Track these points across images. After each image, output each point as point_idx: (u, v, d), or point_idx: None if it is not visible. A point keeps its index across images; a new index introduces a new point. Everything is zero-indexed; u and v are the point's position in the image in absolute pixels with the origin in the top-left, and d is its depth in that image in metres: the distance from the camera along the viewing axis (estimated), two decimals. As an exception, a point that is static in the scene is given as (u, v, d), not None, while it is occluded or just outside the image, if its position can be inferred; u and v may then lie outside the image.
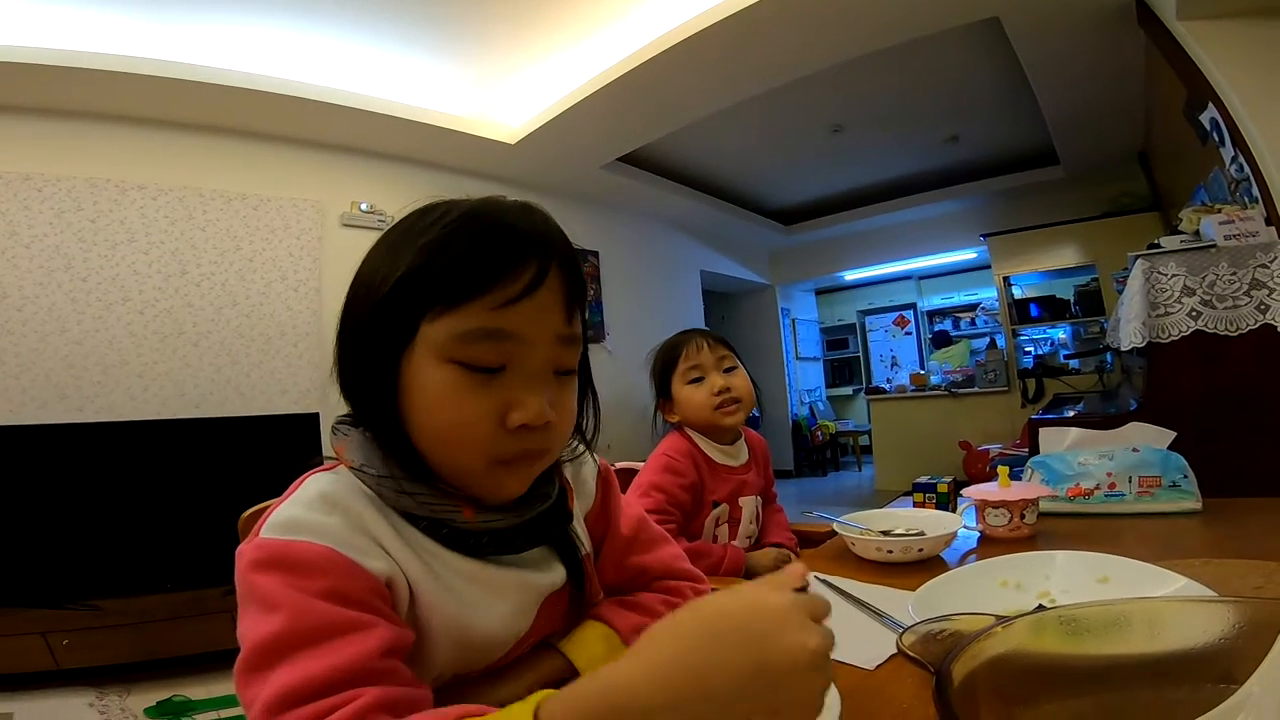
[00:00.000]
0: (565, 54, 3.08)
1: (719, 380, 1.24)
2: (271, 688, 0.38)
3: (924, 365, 6.73)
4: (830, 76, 3.23)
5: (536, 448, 0.50)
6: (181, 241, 2.90)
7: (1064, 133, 3.99)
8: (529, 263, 0.47)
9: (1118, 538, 0.96)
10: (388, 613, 0.44)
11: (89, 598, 2.22)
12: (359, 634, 0.41)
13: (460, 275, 0.46)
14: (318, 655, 0.39)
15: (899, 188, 5.43)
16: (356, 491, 0.49)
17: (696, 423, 1.28)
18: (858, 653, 0.60)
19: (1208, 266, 1.61)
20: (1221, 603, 0.32)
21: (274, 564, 0.42)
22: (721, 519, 1.26)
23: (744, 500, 1.28)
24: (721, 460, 1.28)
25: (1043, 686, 0.32)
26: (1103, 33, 2.75)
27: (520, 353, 0.48)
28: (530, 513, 0.54)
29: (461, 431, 0.47)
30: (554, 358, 0.50)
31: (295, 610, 0.41)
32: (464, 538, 0.51)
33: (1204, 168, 2.36)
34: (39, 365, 2.54)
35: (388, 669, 0.41)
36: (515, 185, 4.17)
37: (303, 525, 0.44)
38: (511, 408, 0.47)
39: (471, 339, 0.46)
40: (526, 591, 0.55)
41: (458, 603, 0.50)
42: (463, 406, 0.47)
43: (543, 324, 0.49)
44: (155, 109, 2.83)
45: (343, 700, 0.37)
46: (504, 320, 0.47)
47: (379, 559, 0.45)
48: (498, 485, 0.50)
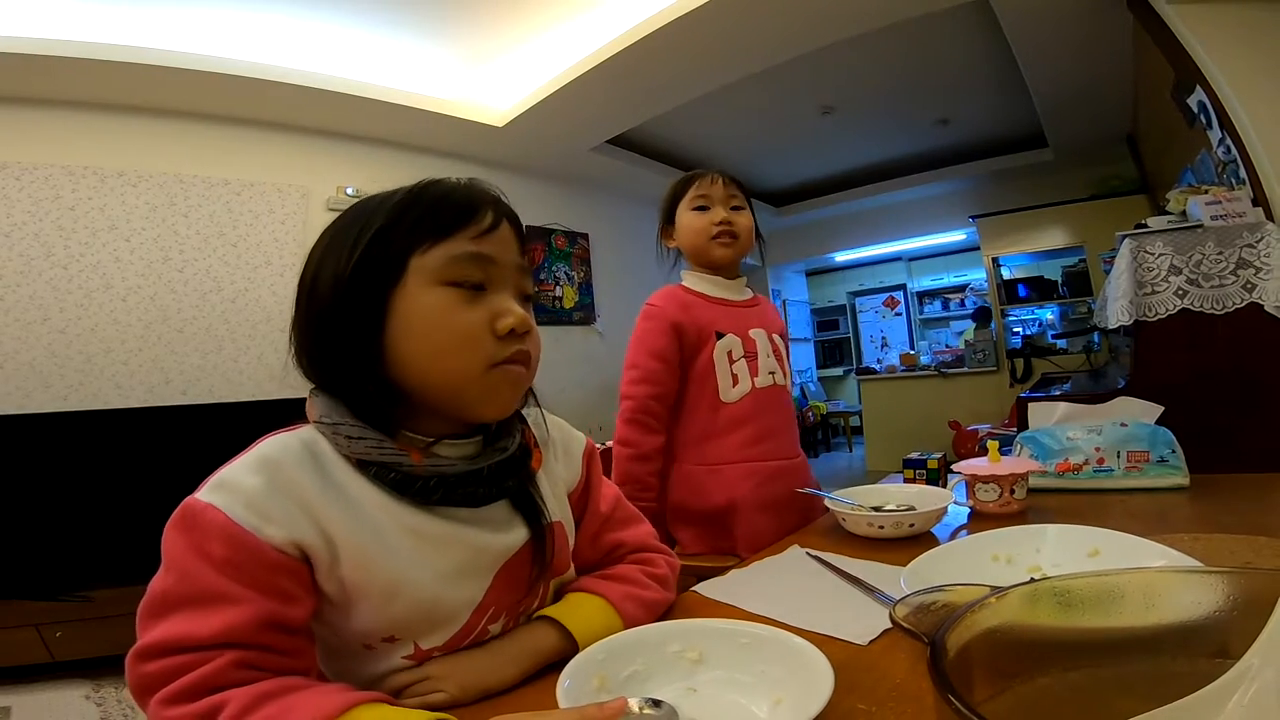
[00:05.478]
0: (554, 35, 3.03)
1: (722, 213, 1.23)
2: (148, 637, 0.44)
3: (914, 345, 6.77)
4: (820, 58, 3.20)
5: (524, 349, 0.57)
6: (164, 228, 2.86)
7: (1053, 115, 3.99)
8: (487, 206, 0.57)
9: (1106, 513, 0.97)
10: (280, 587, 0.48)
11: (80, 589, 2.20)
12: (234, 605, 0.45)
13: (443, 214, 0.55)
14: (192, 618, 0.44)
15: (889, 169, 5.42)
16: (303, 449, 0.52)
17: (690, 249, 1.27)
18: (849, 628, 0.60)
19: (1194, 246, 1.62)
20: (1216, 574, 0.32)
21: (184, 526, 0.47)
22: (735, 353, 1.21)
23: (754, 332, 1.24)
24: (719, 294, 1.25)
25: (1037, 659, 0.32)
26: (1092, 16, 2.74)
27: (497, 274, 0.56)
28: (483, 461, 0.57)
29: (462, 340, 0.54)
30: (518, 283, 0.59)
31: (183, 573, 0.46)
32: (412, 483, 0.53)
33: (1191, 150, 2.36)
34: (22, 354, 2.51)
35: (259, 639, 0.46)
36: (503, 168, 4.13)
37: (225, 485, 0.48)
38: (499, 316, 0.55)
39: (461, 261, 0.55)
40: (477, 552, 0.57)
41: (392, 558, 0.52)
42: (460, 317, 0.54)
43: (507, 253, 0.58)
44: (135, 95, 2.77)
45: (203, 659, 0.43)
46: (483, 246, 0.56)
47: (286, 526, 0.48)
48: (493, 392, 0.56)
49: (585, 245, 4.66)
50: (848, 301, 7.96)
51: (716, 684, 0.50)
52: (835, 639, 0.59)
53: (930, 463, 1.32)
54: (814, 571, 0.81)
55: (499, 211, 0.58)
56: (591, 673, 0.49)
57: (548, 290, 4.33)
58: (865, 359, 7.51)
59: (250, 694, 0.42)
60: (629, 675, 0.51)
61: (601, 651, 0.51)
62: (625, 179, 4.75)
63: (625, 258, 4.99)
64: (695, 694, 0.50)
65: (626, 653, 0.52)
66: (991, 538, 0.73)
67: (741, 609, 0.69)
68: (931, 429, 4.92)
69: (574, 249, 4.56)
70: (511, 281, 0.58)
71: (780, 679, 0.47)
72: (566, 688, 0.46)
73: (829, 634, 0.60)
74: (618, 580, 0.67)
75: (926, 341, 6.71)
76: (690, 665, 0.52)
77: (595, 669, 0.50)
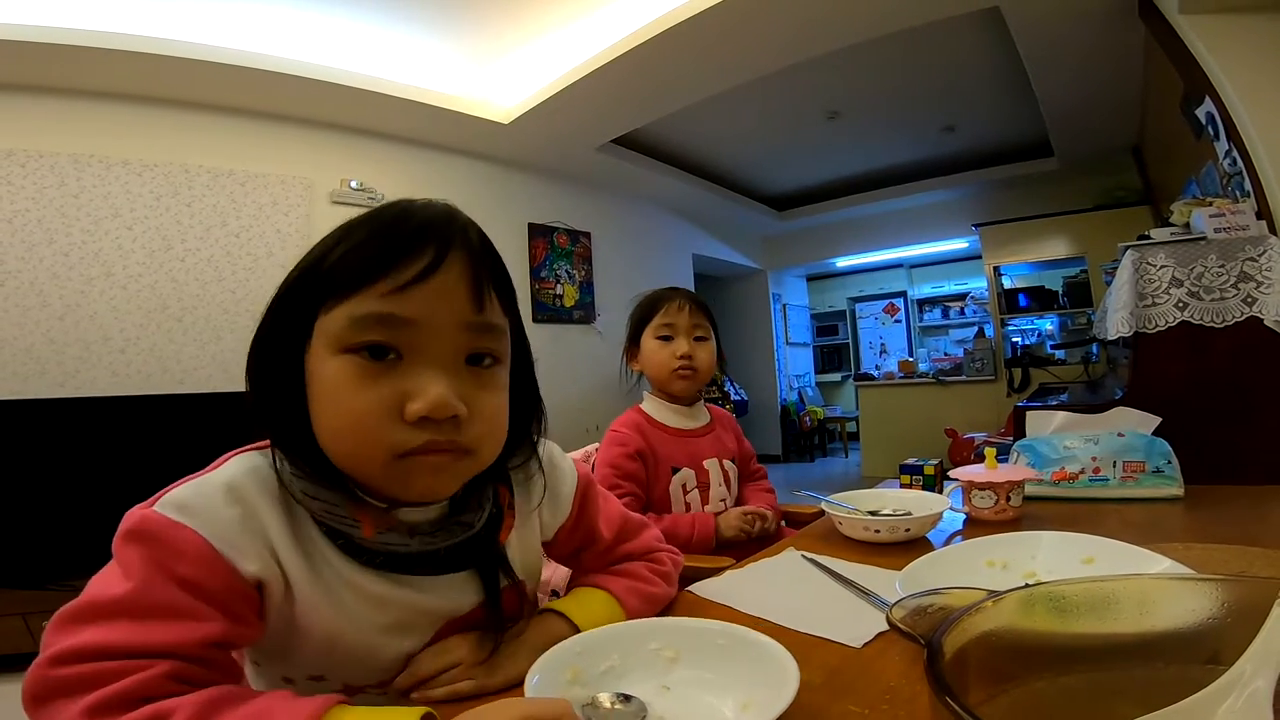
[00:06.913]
0: (561, 34, 3.03)
1: (685, 345, 1.26)
2: (72, 640, 0.40)
3: (913, 353, 6.78)
4: (828, 62, 3.20)
5: (445, 439, 0.47)
6: (167, 217, 2.85)
7: (1060, 125, 4.00)
8: (425, 249, 0.46)
9: (1101, 522, 0.97)
10: (239, 612, 0.46)
11: (70, 578, 2.19)
12: (194, 622, 0.42)
13: (352, 264, 0.46)
14: (134, 628, 0.41)
15: (893, 176, 5.42)
16: (268, 481, 0.48)
17: (653, 378, 1.31)
18: (844, 631, 0.60)
19: (1196, 258, 1.62)
20: (1209, 581, 0.32)
21: (146, 539, 0.43)
22: (689, 485, 1.26)
23: (708, 463, 1.28)
24: (677, 424, 1.29)
25: (1032, 663, 0.32)
26: (1103, 26, 2.74)
27: (419, 340, 0.47)
28: (438, 543, 0.53)
29: (357, 423, 0.46)
30: (462, 345, 0.49)
31: (146, 584, 0.42)
32: (359, 551, 0.50)
33: (1197, 162, 2.37)
34: (20, 340, 2.51)
35: (204, 655, 0.43)
36: (508, 165, 4.13)
37: (194, 511, 0.44)
38: (409, 397, 0.46)
39: (364, 325, 0.45)
40: (419, 614, 0.54)
41: (335, 610, 0.50)
42: (356, 397, 0.45)
43: (443, 310, 0.47)
44: (142, 85, 2.77)
45: (135, 667, 0.39)
46: (397, 305, 0.45)
47: (257, 561, 0.46)
48: (404, 483, 0.48)
49: (587, 244, 4.66)
50: (848, 307, 7.96)
51: (690, 683, 0.50)
52: (829, 641, 0.59)
53: (927, 469, 1.32)
54: (809, 574, 0.82)
55: (443, 249, 0.47)
56: (566, 664, 0.50)
57: (548, 288, 4.33)
58: (864, 365, 7.50)
59: (199, 701, 0.39)
60: (605, 670, 0.51)
61: (579, 645, 0.52)
62: (629, 179, 4.75)
63: (627, 258, 4.99)
64: (669, 692, 0.50)
65: (604, 647, 0.52)
66: (987, 544, 0.73)
67: (736, 610, 0.69)
68: (928, 437, 4.92)
69: (576, 248, 4.56)
70: (447, 346, 0.48)
71: (752, 681, 0.47)
72: (535, 684, 0.46)
73: (823, 636, 0.60)
74: (623, 575, 0.68)
75: (925, 349, 6.71)
76: (667, 663, 0.52)
77: (571, 661, 0.50)
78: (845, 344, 8.01)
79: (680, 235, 5.71)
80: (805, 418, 6.86)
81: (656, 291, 1.34)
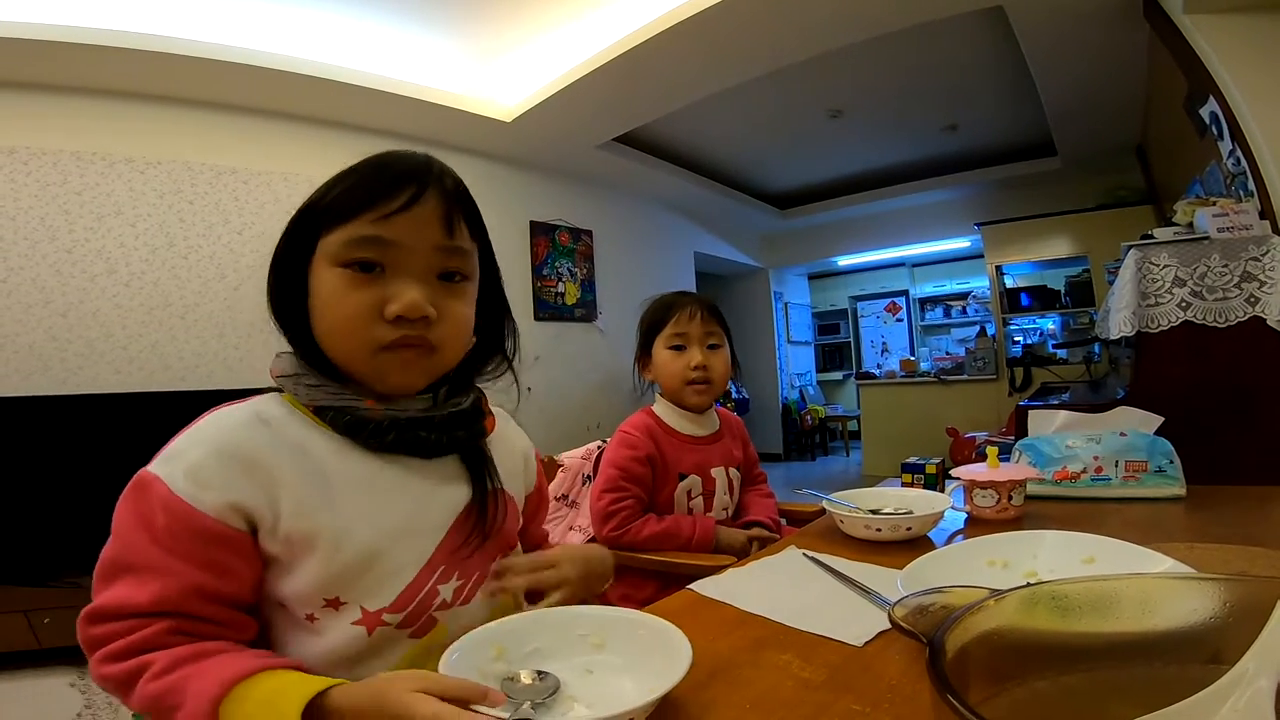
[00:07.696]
0: (563, 31, 3.03)
1: (698, 355, 1.23)
2: (97, 600, 0.49)
3: (914, 351, 6.77)
4: (831, 61, 3.19)
5: (415, 335, 0.57)
6: (170, 215, 2.86)
7: (1063, 124, 3.98)
8: (407, 187, 0.57)
9: (1103, 521, 0.97)
10: (217, 558, 0.51)
11: (71, 575, 2.20)
12: (164, 576, 0.49)
13: (347, 198, 0.57)
14: (131, 585, 0.49)
15: (895, 175, 5.40)
16: (251, 416, 0.56)
17: (666, 389, 1.28)
18: (845, 629, 0.61)
19: (1200, 258, 1.62)
20: (1211, 581, 0.32)
21: (133, 496, 0.51)
22: (694, 492, 1.25)
23: (715, 471, 1.27)
24: (687, 430, 1.27)
25: (1034, 662, 0.32)
26: (1107, 25, 2.73)
27: (399, 257, 0.57)
28: (437, 410, 0.61)
29: (347, 320, 0.56)
30: (435, 264, 0.59)
31: (125, 542, 0.50)
32: (365, 425, 0.57)
33: (1201, 161, 2.36)
34: (22, 337, 2.51)
35: (192, 609, 0.49)
36: (510, 163, 4.13)
37: (170, 457, 0.52)
38: (389, 301, 0.56)
39: (356, 245, 0.56)
40: (422, 505, 0.60)
41: (337, 507, 0.55)
42: (348, 299, 0.56)
43: (421, 235, 0.57)
44: (145, 83, 2.77)
45: (140, 625, 0.48)
46: (383, 229, 0.56)
47: (223, 491, 0.51)
48: (382, 372, 0.58)
49: (589, 242, 4.65)
50: (849, 306, 7.95)
51: (610, 669, 0.53)
52: (831, 639, 0.59)
53: (929, 468, 1.32)
54: (811, 573, 0.82)
55: (422, 187, 0.58)
56: (492, 643, 0.52)
57: (550, 286, 4.33)
58: (865, 364, 7.50)
59: (170, 656, 0.46)
60: (531, 650, 0.53)
61: (508, 625, 0.55)
62: (631, 177, 4.74)
63: (628, 256, 4.99)
64: (590, 675, 0.52)
65: (532, 630, 0.55)
66: (988, 543, 0.73)
67: (737, 608, 0.69)
68: (929, 435, 4.92)
69: (577, 246, 4.56)
70: (422, 263, 0.58)
71: (664, 670, 0.48)
72: (453, 661, 0.48)
73: (825, 634, 0.60)
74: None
75: (927, 348, 6.70)
76: (592, 649, 0.54)
77: (498, 639, 0.52)
78: (847, 343, 8.00)
79: (682, 233, 5.71)
80: (806, 416, 6.86)
81: (666, 297, 1.30)
